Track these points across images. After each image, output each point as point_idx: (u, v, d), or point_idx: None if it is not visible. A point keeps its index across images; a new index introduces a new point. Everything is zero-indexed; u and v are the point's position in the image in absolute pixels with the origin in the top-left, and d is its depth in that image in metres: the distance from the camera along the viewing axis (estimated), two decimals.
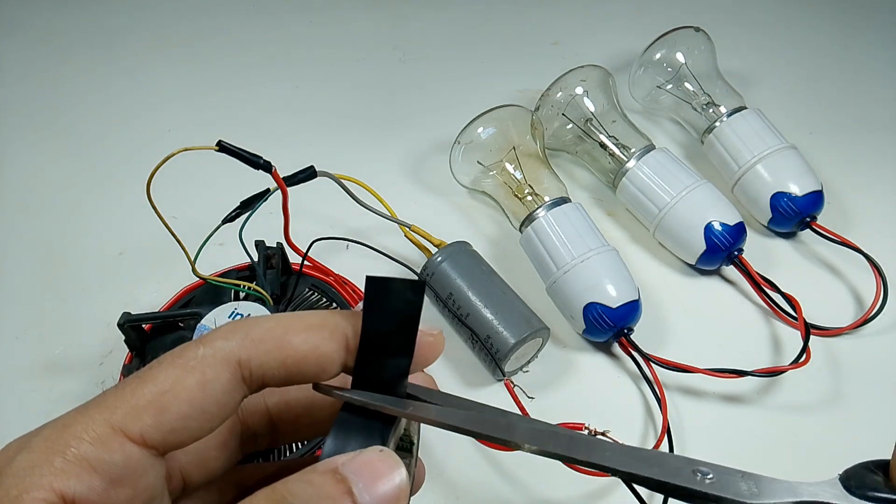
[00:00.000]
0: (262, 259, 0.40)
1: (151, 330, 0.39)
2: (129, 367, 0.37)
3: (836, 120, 0.54)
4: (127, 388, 0.18)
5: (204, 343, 0.19)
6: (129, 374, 0.36)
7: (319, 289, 0.41)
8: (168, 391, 0.18)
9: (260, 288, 0.38)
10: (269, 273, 0.40)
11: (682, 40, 0.51)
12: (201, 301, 0.39)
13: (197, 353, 0.18)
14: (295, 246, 0.38)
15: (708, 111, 0.49)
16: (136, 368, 0.36)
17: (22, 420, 0.39)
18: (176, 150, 0.30)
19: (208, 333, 0.19)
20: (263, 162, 0.33)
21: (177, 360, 0.18)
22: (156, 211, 0.33)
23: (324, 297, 0.41)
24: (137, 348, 0.38)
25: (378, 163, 0.52)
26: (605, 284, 0.39)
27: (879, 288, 0.41)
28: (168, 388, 0.18)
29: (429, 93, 0.59)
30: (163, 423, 0.18)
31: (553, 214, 0.42)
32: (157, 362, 0.18)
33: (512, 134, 0.46)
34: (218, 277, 0.39)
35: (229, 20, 0.68)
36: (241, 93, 0.60)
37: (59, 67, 0.64)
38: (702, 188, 0.43)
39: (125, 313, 0.37)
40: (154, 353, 0.37)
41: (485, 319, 0.38)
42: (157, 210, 0.33)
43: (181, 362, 0.18)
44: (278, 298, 0.39)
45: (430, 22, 0.67)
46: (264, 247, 0.40)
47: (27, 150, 0.56)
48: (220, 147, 0.32)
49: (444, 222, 0.47)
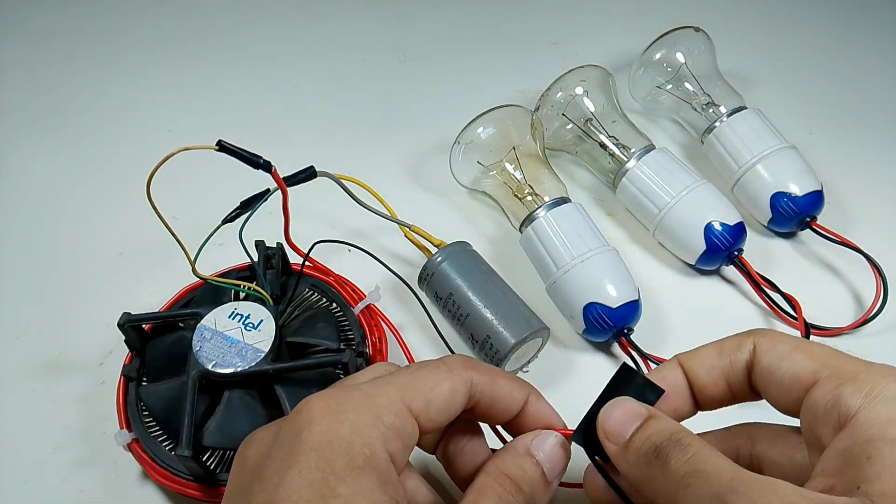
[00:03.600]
0: (262, 259, 0.40)
1: (151, 330, 0.38)
2: (129, 366, 0.37)
3: (836, 120, 0.54)
4: (408, 376, 0.24)
5: (457, 361, 0.26)
6: (128, 374, 0.37)
7: (320, 289, 0.41)
8: (434, 388, 0.24)
9: (260, 288, 0.38)
10: (270, 273, 0.40)
11: (682, 40, 0.51)
12: (202, 301, 0.39)
13: (455, 366, 0.25)
14: (295, 246, 0.38)
15: (708, 111, 0.49)
16: (137, 368, 0.37)
17: (22, 420, 0.40)
18: (176, 150, 0.30)
19: (454, 357, 0.26)
20: (263, 162, 0.33)
21: (440, 365, 0.25)
22: (156, 211, 0.33)
23: (324, 297, 0.41)
24: (137, 348, 0.38)
25: (378, 163, 0.52)
26: (605, 284, 0.39)
27: (879, 288, 0.41)
28: (434, 386, 0.24)
29: (429, 93, 0.59)
30: (430, 409, 0.24)
31: (553, 214, 0.42)
32: (424, 364, 0.26)
33: (512, 134, 0.46)
34: (218, 278, 0.39)
35: (229, 20, 0.68)
36: (241, 93, 0.60)
37: (59, 67, 0.64)
38: (702, 188, 0.43)
39: (125, 313, 0.37)
40: (154, 352, 0.37)
41: (485, 319, 0.38)
42: (157, 210, 0.33)
43: (440, 370, 0.25)
44: (278, 299, 0.39)
45: (430, 22, 0.67)
46: (264, 247, 0.40)
47: (27, 150, 0.56)
48: (219, 147, 0.32)
49: (444, 222, 0.47)
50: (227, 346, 0.35)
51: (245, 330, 0.35)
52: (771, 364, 0.24)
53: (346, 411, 0.22)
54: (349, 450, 0.22)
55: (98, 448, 0.38)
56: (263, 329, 0.35)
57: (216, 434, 0.33)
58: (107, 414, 0.37)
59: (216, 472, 0.34)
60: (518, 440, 0.27)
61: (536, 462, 0.26)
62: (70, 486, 0.37)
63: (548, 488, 0.26)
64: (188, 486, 0.34)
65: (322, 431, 0.22)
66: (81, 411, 0.39)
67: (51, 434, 0.39)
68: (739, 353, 0.25)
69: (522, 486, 0.25)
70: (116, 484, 0.37)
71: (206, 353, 0.34)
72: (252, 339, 0.35)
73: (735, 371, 0.25)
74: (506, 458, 0.26)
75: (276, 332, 0.35)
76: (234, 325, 0.35)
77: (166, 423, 0.35)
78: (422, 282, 0.41)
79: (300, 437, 0.22)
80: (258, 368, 0.34)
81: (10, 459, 0.38)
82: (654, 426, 0.23)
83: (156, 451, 0.35)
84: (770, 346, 0.24)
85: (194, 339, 0.35)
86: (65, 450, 0.38)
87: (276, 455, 0.22)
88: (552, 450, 0.26)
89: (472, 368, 0.26)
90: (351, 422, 0.22)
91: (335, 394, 0.23)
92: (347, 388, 0.24)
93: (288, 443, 0.22)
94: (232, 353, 0.34)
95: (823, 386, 0.22)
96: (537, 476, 0.25)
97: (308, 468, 0.21)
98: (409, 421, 0.23)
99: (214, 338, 0.35)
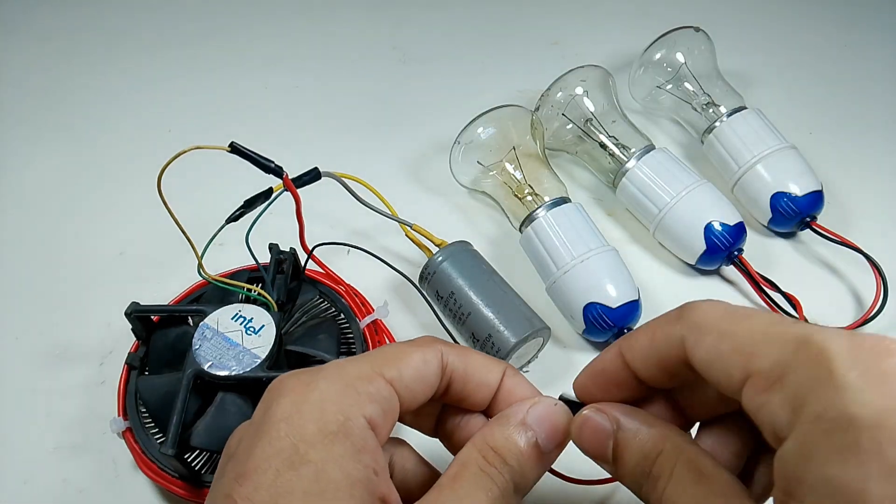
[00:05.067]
0: (273, 263, 0.39)
1: (159, 322, 0.38)
2: (134, 355, 0.37)
3: (836, 120, 0.54)
4: (377, 351, 0.25)
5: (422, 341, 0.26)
6: (131, 363, 0.37)
7: (329, 298, 0.40)
8: (404, 357, 0.24)
9: (266, 293, 0.37)
10: (279, 278, 0.39)
11: (682, 40, 0.51)
12: (211, 298, 0.39)
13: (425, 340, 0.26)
14: (313, 254, 0.38)
15: (708, 111, 0.49)
16: (140, 357, 0.37)
17: (22, 421, 0.40)
18: (188, 148, 0.30)
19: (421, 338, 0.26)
20: (275, 167, 0.33)
21: (410, 342, 0.25)
22: (167, 207, 0.33)
23: (333, 306, 0.40)
24: (143, 339, 0.38)
25: (378, 163, 0.52)
26: (605, 284, 0.39)
27: (879, 288, 0.41)
28: (404, 356, 0.24)
29: (429, 93, 0.59)
30: (403, 376, 0.24)
31: (553, 214, 0.42)
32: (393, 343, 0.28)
33: (512, 134, 0.46)
34: (224, 278, 0.38)
35: (230, 20, 0.68)
36: (241, 92, 0.60)
37: (59, 67, 0.64)
38: (702, 188, 0.43)
39: (133, 303, 0.37)
40: (157, 344, 0.37)
41: (486, 318, 0.38)
42: (168, 207, 0.33)
43: (410, 342, 0.25)
44: (283, 305, 0.38)
45: (430, 22, 0.67)
46: (278, 250, 0.40)
47: (27, 150, 0.56)
48: (232, 148, 0.31)
49: (444, 222, 0.47)
50: (226, 348, 0.34)
51: (245, 333, 0.35)
52: (701, 360, 0.21)
53: (316, 381, 0.22)
54: (321, 416, 0.21)
55: (98, 448, 0.38)
56: (264, 335, 0.35)
57: (203, 435, 0.33)
58: (107, 414, 0.37)
59: (202, 472, 0.34)
60: (509, 409, 0.25)
61: (528, 432, 0.24)
62: (70, 486, 0.37)
63: (541, 460, 0.24)
64: (173, 482, 0.33)
65: (293, 401, 0.22)
66: (82, 411, 0.39)
67: (51, 434, 0.39)
68: (669, 346, 0.23)
69: (508, 459, 0.24)
70: (116, 484, 0.37)
71: (204, 353, 0.34)
72: (251, 343, 0.34)
73: (670, 363, 0.23)
74: (494, 428, 0.25)
75: (275, 340, 0.35)
76: (236, 328, 0.35)
77: (159, 417, 0.35)
78: (423, 281, 0.41)
79: (270, 408, 0.22)
80: (252, 375, 0.33)
81: (10, 459, 0.38)
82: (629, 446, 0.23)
83: (146, 443, 0.34)
84: (696, 339, 0.22)
85: (195, 337, 0.35)
86: (65, 450, 0.38)
87: (248, 432, 0.22)
88: (547, 416, 0.25)
89: (442, 344, 0.26)
90: (322, 389, 0.22)
91: (307, 370, 0.23)
92: (321, 367, 0.24)
93: (259, 418, 0.22)
94: (229, 356, 0.34)
95: (750, 391, 0.20)
96: (528, 448, 0.24)
97: (277, 437, 0.21)
98: (384, 387, 0.23)
99: (215, 338, 0.35)
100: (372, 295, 0.41)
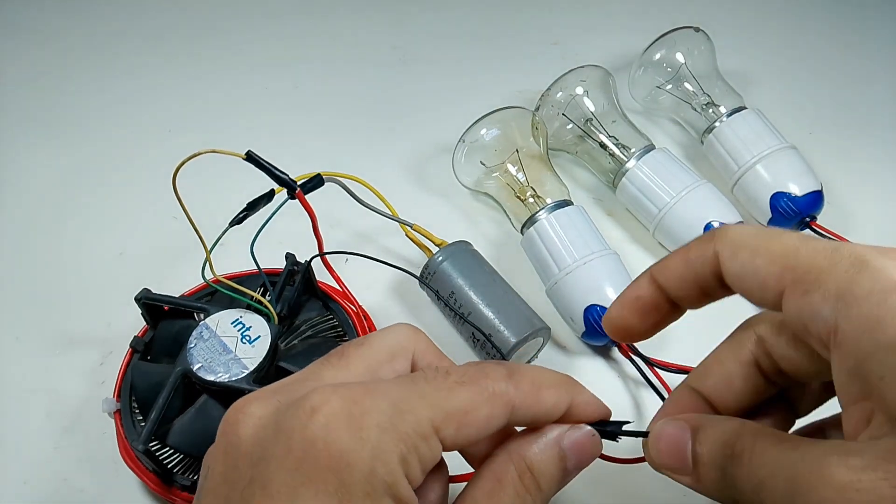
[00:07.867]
0: (285, 273, 0.38)
1: (168, 311, 0.38)
2: (139, 339, 0.37)
3: (836, 120, 0.54)
4: (444, 391, 0.21)
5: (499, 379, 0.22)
6: (135, 346, 0.37)
7: (338, 316, 0.39)
8: (469, 413, 0.21)
9: (269, 303, 0.36)
10: (288, 290, 0.38)
11: (682, 40, 0.51)
12: (221, 298, 0.38)
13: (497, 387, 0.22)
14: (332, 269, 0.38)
15: (708, 111, 0.49)
16: (145, 343, 0.37)
17: (22, 421, 0.40)
18: (204, 150, 0.30)
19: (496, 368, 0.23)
20: (290, 181, 0.32)
21: (480, 381, 0.22)
22: (182, 207, 0.32)
23: (339, 326, 0.39)
24: (152, 325, 0.38)
25: (378, 163, 0.52)
26: (605, 287, 0.39)
27: None
28: (470, 410, 0.21)
29: (429, 93, 0.59)
30: (459, 436, 0.21)
31: (555, 216, 0.42)
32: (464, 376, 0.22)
33: (515, 136, 0.46)
34: (227, 280, 0.37)
35: (229, 20, 0.68)
36: (241, 93, 0.60)
37: (59, 67, 0.64)
38: (702, 188, 0.43)
39: (145, 289, 0.37)
40: (162, 333, 0.37)
41: (486, 318, 0.38)
42: (183, 206, 0.32)
43: (479, 389, 0.22)
44: (285, 318, 0.37)
45: (430, 22, 0.67)
46: (294, 261, 0.39)
47: (27, 150, 0.56)
48: (248, 157, 0.31)
49: (445, 223, 0.47)
50: (219, 352, 0.33)
51: (241, 341, 0.34)
52: (737, 274, 0.23)
53: (369, 427, 0.20)
54: (370, 477, 0.20)
55: (99, 448, 0.38)
56: (258, 346, 0.34)
57: (178, 435, 0.32)
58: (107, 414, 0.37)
59: (174, 472, 0.33)
60: (549, 429, 0.24)
61: (563, 457, 0.24)
62: (70, 487, 0.37)
63: (564, 481, 0.24)
64: (146, 474, 0.33)
65: (342, 451, 0.19)
66: (82, 411, 0.39)
67: (51, 434, 0.39)
68: (704, 263, 0.24)
69: (542, 485, 0.23)
70: (117, 484, 0.37)
71: (196, 353, 0.34)
72: (243, 352, 0.33)
73: (705, 280, 0.24)
74: (532, 444, 0.24)
75: (267, 353, 0.34)
76: (233, 333, 0.34)
77: (144, 405, 0.34)
78: (423, 281, 0.41)
79: (315, 447, 0.20)
80: (235, 385, 0.32)
81: (10, 459, 0.38)
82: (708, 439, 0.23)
83: (130, 430, 0.34)
84: (731, 253, 0.23)
85: (192, 336, 0.34)
86: (65, 450, 0.38)
87: (284, 461, 0.20)
88: (583, 445, 0.24)
89: (514, 384, 0.23)
90: (374, 443, 0.20)
91: (356, 394, 0.21)
92: (371, 390, 0.21)
93: (298, 449, 0.20)
94: (220, 361, 0.33)
95: (791, 298, 0.21)
96: (560, 474, 0.24)
97: (325, 491, 0.19)
98: (435, 446, 0.21)
99: (211, 339, 0.34)
100: (373, 296, 0.41)
